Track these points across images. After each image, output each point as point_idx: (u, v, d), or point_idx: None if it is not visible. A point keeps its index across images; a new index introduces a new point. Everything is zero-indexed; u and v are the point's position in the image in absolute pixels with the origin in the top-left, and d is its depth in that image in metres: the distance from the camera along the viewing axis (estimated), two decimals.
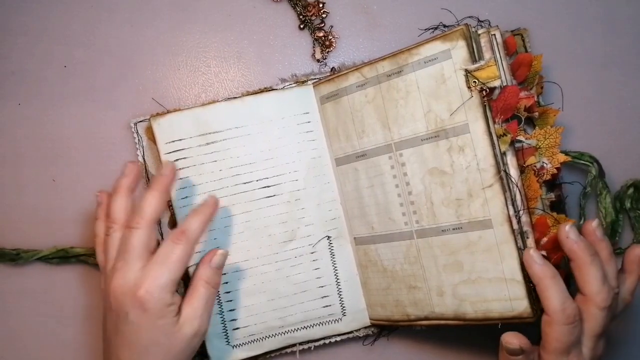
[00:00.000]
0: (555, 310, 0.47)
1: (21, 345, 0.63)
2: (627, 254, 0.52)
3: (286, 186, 0.61)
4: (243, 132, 0.60)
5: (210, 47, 0.65)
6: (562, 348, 0.48)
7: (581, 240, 0.49)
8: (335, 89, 0.59)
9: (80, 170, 0.64)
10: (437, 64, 0.53)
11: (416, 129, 0.55)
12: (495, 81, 0.50)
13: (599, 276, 0.48)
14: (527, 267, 0.49)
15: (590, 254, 0.48)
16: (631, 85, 0.62)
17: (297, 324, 0.61)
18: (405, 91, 0.55)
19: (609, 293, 0.48)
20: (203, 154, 0.60)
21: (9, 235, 0.63)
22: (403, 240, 0.57)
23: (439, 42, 0.53)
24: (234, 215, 0.60)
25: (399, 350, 0.63)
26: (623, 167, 0.62)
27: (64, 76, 0.64)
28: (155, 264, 0.49)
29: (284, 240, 0.60)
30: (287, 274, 0.60)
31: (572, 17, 0.63)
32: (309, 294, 0.61)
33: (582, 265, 0.48)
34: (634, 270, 0.52)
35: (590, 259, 0.48)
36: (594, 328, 0.48)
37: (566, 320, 0.47)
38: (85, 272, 0.63)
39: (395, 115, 0.56)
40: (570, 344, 0.47)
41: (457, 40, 0.51)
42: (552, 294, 0.47)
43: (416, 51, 0.54)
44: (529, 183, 0.52)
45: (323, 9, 0.64)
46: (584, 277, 0.48)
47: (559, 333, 0.47)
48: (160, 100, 0.63)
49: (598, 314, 0.48)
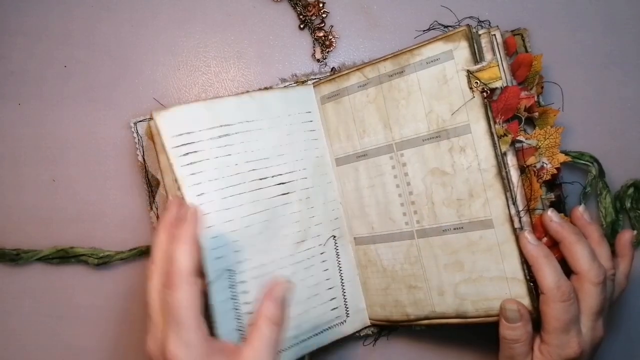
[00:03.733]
0: (550, 288, 0.49)
1: (21, 345, 0.63)
2: (618, 238, 0.55)
3: (298, 183, 0.58)
4: (255, 126, 0.56)
5: (210, 47, 0.65)
6: (561, 327, 0.49)
7: (564, 222, 0.51)
8: (336, 89, 0.60)
9: (80, 170, 0.63)
10: (439, 64, 0.53)
11: (418, 129, 0.55)
12: (496, 82, 0.50)
13: (587, 253, 0.50)
14: (522, 247, 0.50)
15: (575, 233, 0.50)
16: (631, 85, 0.63)
17: (309, 332, 0.58)
18: (407, 91, 0.55)
19: (600, 268, 0.49)
20: (217, 146, 0.54)
21: (9, 235, 0.63)
22: (403, 240, 0.57)
23: (441, 43, 0.53)
24: (254, 214, 0.55)
25: (399, 351, 0.63)
26: (623, 167, 0.62)
27: (64, 76, 0.64)
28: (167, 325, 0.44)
29: (298, 241, 0.58)
30: (302, 277, 0.57)
31: (572, 17, 0.63)
32: (320, 297, 0.58)
33: (570, 244, 0.50)
34: (627, 254, 0.54)
35: (576, 238, 0.50)
36: (591, 306, 0.49)
37: (561, 297, 0.48)
38: (85, 272, 0.63)
39: (396, 116, 0.56)
40: (568, 322, 0.49)
41: (459, 41, 0.52)
42: (546, 272, 0.49)
43: (418, 52, 0.54)
44: (529, 183, 0.52)
45: (323, 9, 0.64)
46: (573, 255, 0.50)
47: (556, 311, 0.48)
48: (160, 100, 0.63)
49: (593, 290, 0.49)
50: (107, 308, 0.63)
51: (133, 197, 0.63)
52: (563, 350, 0.49)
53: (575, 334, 0.49)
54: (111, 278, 0.63)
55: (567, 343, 0.49)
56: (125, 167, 0.63)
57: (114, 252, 0.62)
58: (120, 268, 0.63)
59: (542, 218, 0.51)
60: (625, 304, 0.63)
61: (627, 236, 0.54)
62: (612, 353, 0.62)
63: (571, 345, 0.49)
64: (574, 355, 0.49)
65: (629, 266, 0.54)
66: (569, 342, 0.49)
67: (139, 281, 0.63)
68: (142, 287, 0.62)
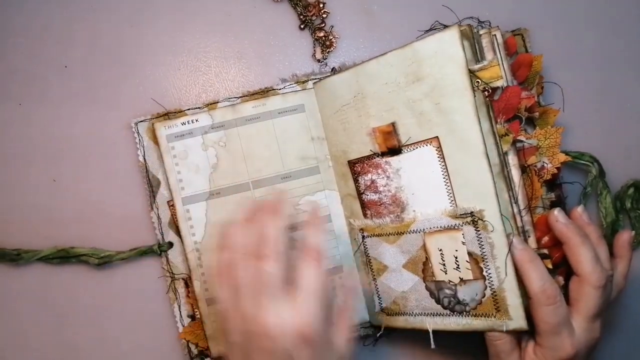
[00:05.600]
0: (535, 292, 0.49)
1: (21, 345, 0.63)
2: (616, 239, 0.54)
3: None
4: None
5: (210, 47, 0.65)
6: (551, 329, 0.49)
7: (570, 223, 0.51)
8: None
9: (80, 170, 0.63)
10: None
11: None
12: (498, 81, 0.50)
13: (591, 256, 0.50)
14: (511, 253, 0.50)
15: (581, 235, 0.50)
16: (631, 85, 0.63)
17: None
18: None
19: (603, 272, 0.49)
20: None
21: (9, 235, 0.63)
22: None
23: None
24: None
25: (399, 351, 0.63)
26: (623, 167, 0.62)
27: (65, 76, 0.64)
28: (300, 295, 0.46)
29: None
30: None
31: (572, 17, 0.63)
32: None
33: (574, 246, 0.50)
34: (624, 254, 0.54)
35: (581, 240, 0.50)
36: (589, 308, 0.49)
37: (547, 301, 0.48)
38: (85, 272, 0.63)
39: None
40: (557, 324, 0.49)
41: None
42: (532, 276, 0.49)
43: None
44: (530, 182, 0.52)
45: (323, 9, 0.64)
46: (577, 257, 0.50)
47: (543, 314, 0.49)
48: (160, 101, 0.63)
49: (593, 293, 0.49)
50: (107, 308, 0.63)
51: (133, 197, 0.63)
52: (556, 352, 0.49)
53: (567, 335, 0.49)
54: (111, 278, 0.63)
55: (560, 345, 0.49)
56: (126, 167, 0.63)
57: (114, 252, 0.62)
58: (121, 268, 0.63)
59: (548, 217, 0.51)
60: (624, 305, 0.63)
61: (626, 237, 0.54)
62: (612, 353, 0.63)
63: (564, 347, 0.49)
64: (567, 357, 0.49)
65: (627, 267, 0.54)
66: (562, 344, 0.49)
67: (139, 281, 0.63)
68: (142, 287, 0.63)
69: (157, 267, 0.63)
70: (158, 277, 0.63)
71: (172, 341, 0.63)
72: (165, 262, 0.62)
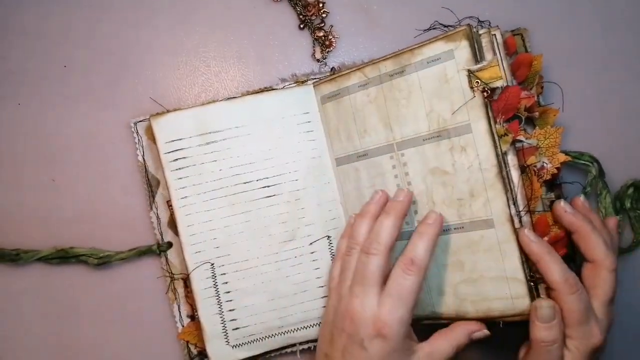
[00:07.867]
0: (558, 282, 0.49)
1: (21, 345, 0.63)
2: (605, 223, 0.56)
3: (286, 186, 0.61)
4: (243, 131, 0.60)
5: (210, 47, 0.65)
6: (580, 317, 0.49)
7: (577, 212, 0.52)
8: (336, 89, 0.60)
9: (80, 170, 0.63)
10: (440, 64, 0.53)
11: (418, 129, 0.55)
12: (497, 81, 0.50)
13: (602, 241, 0.51)
14: (524, 246, 0.50)
15: (589, 222, 0.51)
16: (631, 85, 0.63)
17: (297, 324, 0.61)
18: (408, 91, 0.55)
19: (614, 256, 0.51)
20: (203, 153, 0.60)
21: (9, 235, 0.63)
22: (403, 240, 0.57)
23: (442, 43, 0.53)
24: (233, 215, 0.60)
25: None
26: (623, 167, 0.62)
27: (64, 76, 0.64)
28: (389, 296, 0.50)
29: (284, 240, 0.61)
30: (287, 273, 0.61)
31: (572, 17, 0.63)
32: (309, 294, 0.61)
33: (586, 234, 0.51)
34: None
35: (591, 227, 0.51)
36: (606, 292, 0.50)
37: (570, 290, 0.49)
38: (85, 272, 0.63)
39: (397, 115, 0.56)
40: (584, 311, 0.49)
41: (460, 41, 0.52)
42: (552, 268, 0.49)
43: (419, 51, 0.54)
44: (529, 183, 0.52)
45: (323, 9, 0.64)
46: (590, 244, 0.51)
47: (571, 303, 0.49)
48: (160, 100, 0.63)
49: (609, 276, 0.50)
50: (106, 308, 0.63)
51: (133, 197, 0.63)
52: (589, 340, 0.49)
53: (594, 322, 0.49)
54: (111, 278, 0.63)
55: (590, 332, 0.49)
56: (125, 167, 0.63)
57: (114, 252, 0.62)
58: (120, 268, 0.63)
59: (555, 209, 0.52)
60: (624, 305, 0.63)
61: (612, 224, 0.56)
62: (612, 353, 0.63)
63: (594, 334, 0.49)
64: (599, 343, 0.49)
65: None
66: (591, 331, 0.49)
67: (139, 281, 0.63)
68: (141, 287, 0.63)
69: (157, 267, 0.63)
70: (157, 277, 0.63)
71: (171, 341, 0.63)
72: (165, 262, 0.62)
